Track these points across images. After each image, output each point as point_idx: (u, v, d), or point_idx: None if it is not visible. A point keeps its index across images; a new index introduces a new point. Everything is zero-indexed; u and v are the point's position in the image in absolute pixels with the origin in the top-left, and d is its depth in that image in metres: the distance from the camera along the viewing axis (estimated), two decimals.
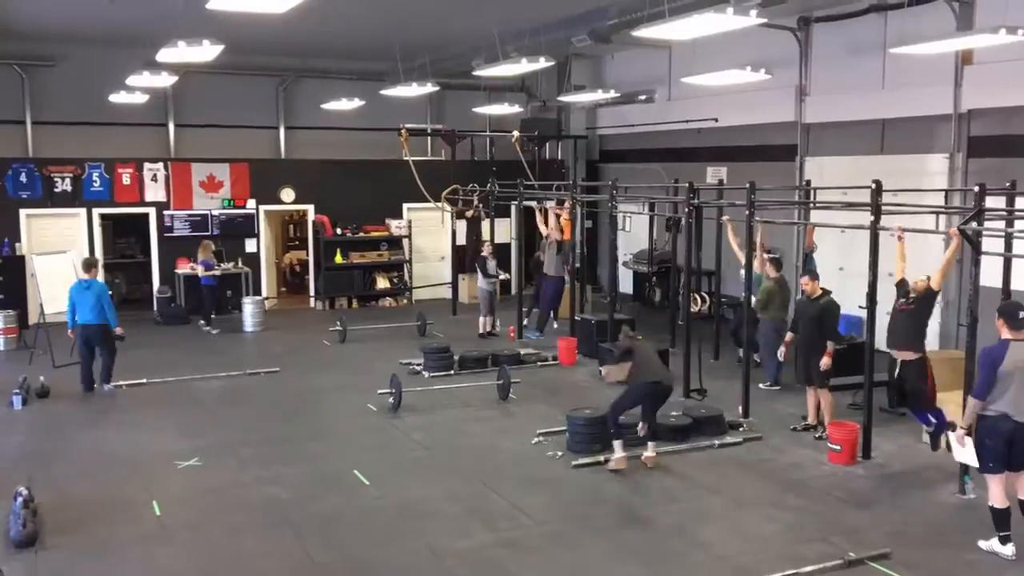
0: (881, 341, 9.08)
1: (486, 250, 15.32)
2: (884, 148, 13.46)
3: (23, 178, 16.57)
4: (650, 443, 8.82)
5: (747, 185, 10.25)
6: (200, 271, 16.32)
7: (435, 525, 7.44)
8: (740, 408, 10.25)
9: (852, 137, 13.95)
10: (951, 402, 8.70)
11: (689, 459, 9.04)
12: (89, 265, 11.89)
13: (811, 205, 12.02)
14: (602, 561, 6.78)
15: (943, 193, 11.48)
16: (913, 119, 12.79)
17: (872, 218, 8.64)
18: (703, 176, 16.45)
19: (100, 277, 12.08)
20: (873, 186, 8.58)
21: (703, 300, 15.22)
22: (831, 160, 14.27)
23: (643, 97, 18.14)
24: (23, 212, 16.47)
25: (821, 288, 9.76)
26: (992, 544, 6.80)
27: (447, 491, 8.16)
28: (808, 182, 13.07)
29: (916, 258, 12.73)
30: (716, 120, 15.97)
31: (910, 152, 13.04)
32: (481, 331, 15.11)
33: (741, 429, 9.86)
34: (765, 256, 11.56)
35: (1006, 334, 6.72)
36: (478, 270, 15.36)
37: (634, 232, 17.87)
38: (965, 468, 7.74)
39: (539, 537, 7.19)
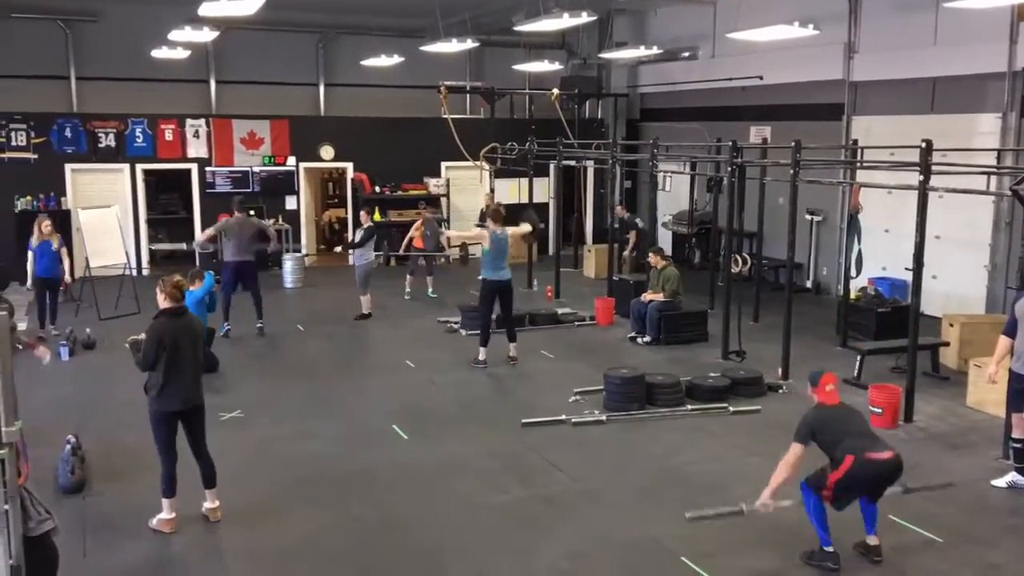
0: (927, 304, 8.91)
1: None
2: (934, 107, 13.11)
3: (68, 133, 16.81)
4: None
5: (792, 144, 10.07)
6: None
7: (471, 480, 7.51)
8: (780, 370, 10.17)
9: (901, 96, 13.60)
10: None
11: (727, 420, 9.01)
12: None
13: (858, 165, 11.78)
14: (637, 518, 6.79)
15: (995, 153, 11.18)
16: (965, 77, 12.41)
17: (921, 178, 8.45)
18: (746, 135, 16.16)
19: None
20: (923, 145, 8.38)
21: (744, 261, 15.05)
22: (879, 119, 13.95)
23: (686, 54, 17.80)
24: (68, 167, 16.75)
25: None
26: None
27: (484, 447, 8.22)
28: (855, 141, 12.79)
29: (965, 217, 12.50)
30: (761, 78, 15.63)
31: (961, 112, 12.69)
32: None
33: (781, 391, 9.80)
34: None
35: None
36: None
37: (674, 192, 17.68)
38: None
39: (575, 494, 7.23)
